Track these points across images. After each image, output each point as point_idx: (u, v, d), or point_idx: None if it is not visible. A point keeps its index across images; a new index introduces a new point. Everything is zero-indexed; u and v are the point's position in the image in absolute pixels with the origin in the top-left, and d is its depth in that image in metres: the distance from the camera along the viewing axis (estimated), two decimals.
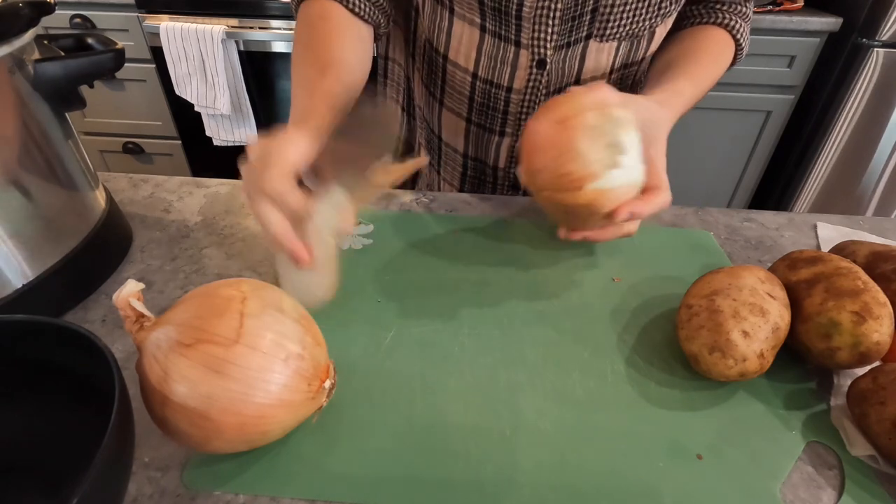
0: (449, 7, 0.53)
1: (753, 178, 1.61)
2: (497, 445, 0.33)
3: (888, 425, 0.31)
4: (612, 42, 0.52)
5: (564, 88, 0.56)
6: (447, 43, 0.55)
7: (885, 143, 1.44)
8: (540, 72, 0.53)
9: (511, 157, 0.61)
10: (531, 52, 0.51)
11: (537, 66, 0.52)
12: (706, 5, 0.56)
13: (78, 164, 0.43)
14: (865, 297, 0.34)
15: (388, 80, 0.68)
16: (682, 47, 0.55)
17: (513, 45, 0.51)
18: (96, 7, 1.40)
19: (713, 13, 0.55)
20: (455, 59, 0.56)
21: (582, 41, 0.51)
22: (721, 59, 0.55)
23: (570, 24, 0.49)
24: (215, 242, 0.50)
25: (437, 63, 0.58)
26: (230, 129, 1.52)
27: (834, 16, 1.33)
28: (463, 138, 0.62)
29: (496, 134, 0.59)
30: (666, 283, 0.46)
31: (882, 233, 0.55)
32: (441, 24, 0.54)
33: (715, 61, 0.54)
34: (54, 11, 0.40)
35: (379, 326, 0.41)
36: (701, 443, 0.33)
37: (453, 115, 0.60)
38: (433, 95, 0.61)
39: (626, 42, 0.52)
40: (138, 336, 0.28)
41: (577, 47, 0.52)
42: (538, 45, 0.51)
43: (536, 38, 0.50)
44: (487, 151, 0.61)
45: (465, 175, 0.65)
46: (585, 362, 0.39)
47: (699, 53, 0.53)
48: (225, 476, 0.30)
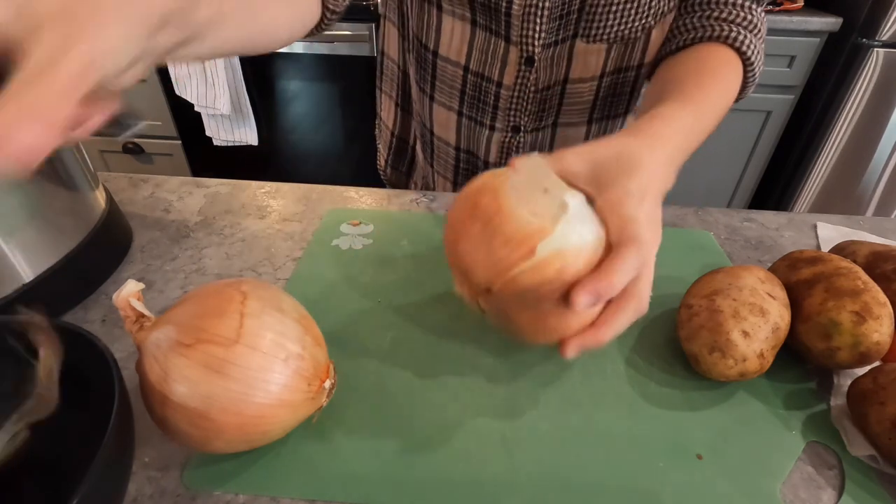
0: (437, 4, 0.52)
1: (753, 178, 1.61)
2: (497, 445, 0.33)
3: (888, 425, 0.31)
4: (601, 44, 0.51)
5: (553, 87, 0.55)
6: (437, 39, 0.55)
7: (885, 143, 1.44)
8: (528, 69, 0.52)
9: (501, 152, 0.61)
10: (520, 49, 0.51)
11: (526, 63, 0.52)
12: (701, 16, 0.47)
13: (78, 164, 0.43)
14: (865, 297, 0.34)
15: (384, 76, 0.68)
16: (673, 73, 0.45)
17: (503, 40, 0.51)
18: None
19: (711, 27, 0.45)
20: (446, 55, 0.56)
21: (569, 40, 0.51)
22: (726, 82, 0.44)
23: (557, 22, 0.49)
24: (215, 242, 0.50)
25: (426, 59, 0.58)
26: (230, 129, 1.53)
27: (834, 16, 1.33)
28: (455, 132, 0.62)
29: (487, 128, 0.59)
30: (666, 283, 0.46)
31: (882, 233, 0.55)
32: (430, 21, 0.54)
33: (715, 79, 0.43)
34: None
35: (379, 326, 0.41)
36: (701, 443, 0.33)
37: (444, 109, 0.61)
38: (423, 91, 0.61)
39: (617, 45, 0.51)
40: (138, 336, 0.28)
41: (565, 46, 0.51)
42: (526, 42, 0.50)
43: (525, 35, 0.50)
44: (479, 144, 0.61)
45: (457, 168, 0.65)
46: (585, 362, 0.39)
47: (696, 76, 0.43)
48: (225, 476, 0.30)
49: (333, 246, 0.49)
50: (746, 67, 0.46)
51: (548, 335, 0.31)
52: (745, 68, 0.46)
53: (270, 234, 0.51)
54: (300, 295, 0.43)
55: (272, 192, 0.58)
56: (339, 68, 1.44)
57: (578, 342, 0.29)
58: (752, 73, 0.46)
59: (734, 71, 0.45)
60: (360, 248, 0.49)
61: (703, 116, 0.39)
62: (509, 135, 0.59)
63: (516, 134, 0.59)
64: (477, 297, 0.31)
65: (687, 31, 0.48)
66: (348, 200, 0.57)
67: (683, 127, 0.36)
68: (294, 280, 0.45)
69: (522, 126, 0.58)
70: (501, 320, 0.32)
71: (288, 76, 1.46)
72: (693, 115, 0.38)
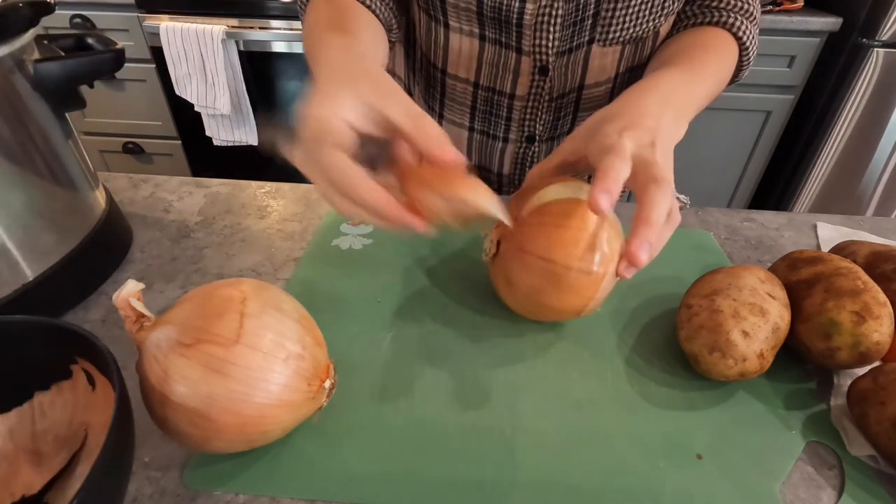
0: (443, 22, 0.52)
1: (753, 178, 1.61)
2: (497, 445, 0.33)
3: (888, 425, 0.31)
4: (616, 46, 0.51)
5: (569, 94, 0.55)
6: (444, 58, 0.54)
7: (885, 143, 1.44)
8: (542, 78, 0.52)
9: (516, 164, 0.60)
10: (533, 59, 0.51)
11: (539, 72, 0.52)
12: (700, 4, 0.51)
13: (78, 164, 0.43)
14: (865, 297, 0.34)
15: None
16: (670, 50, 0.48)
17: (514, 51, 0.51)
18: (96, 7, 1.40)
19: (710, 13, 0.49)
20: (455, 73, 0.55)
21: (584, 46, 0.51)
22: (721, 54, 0.47)
23: (571, 29, 0.49)
24: (215, 242, 0.50)
25: (434, 78, 0.57)
26: (230, 129, 1.52)
27: (834, 16, 1.33)
28: (466, 148, 0.61)
29: (500, 140, 0.59)
30: (666, 283, 0.46)
31: (882, 233, 0.55)
32: (437, 39, 0.54)
33: (710, 54, 0.46)
34: (54, 11, 0.40)
35: (379, 326, 0.41)
36: (701, 443, 0.33)
37: (455, 127, 0.60)
38: (432, 109, 0.61)
39: (630, 45, 0.51)
40: (138, 336, 0.28)
41: (580, 52, 0.51)
42: (539, 51, 0.50)
43: (538, 44, 0.49)
44: (492, 159, 0.61)
45: None
46: (585, 362, 0.39)
47: (691, 50, 0.46)
48: (225, 476, 0.30)
49: (333, 246, 0.49)
50: (741, 51, 0.48)
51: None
52: (740, 52, 0.48)
53: (270, 234, 0.51)
54: (300, 295, 0.43)
55: (272, 192, 0.58)
56: None
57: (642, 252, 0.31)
58: (746, 57, 0.49)
59: (727, 48, 0.47)
60: (360, 248, 0.49)
61: (695, 76, 0.42)
62: (524, 146, 0.58)
63: (531, 144, 0.58)
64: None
65: (687, 17, 0.51)
66: None
67: (672, 80, 0.40)
68: (294, 280, 0.45)
69: (537, 136, 0.57)
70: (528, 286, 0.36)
71: (288, 76, 1.46)
72: (684, 74, 0.41)
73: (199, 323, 0.27)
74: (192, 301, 0.29)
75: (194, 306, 0.28)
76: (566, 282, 0.34)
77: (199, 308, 0.28)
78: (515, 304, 0.39)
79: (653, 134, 0.34)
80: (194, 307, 0.28)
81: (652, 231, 0.30)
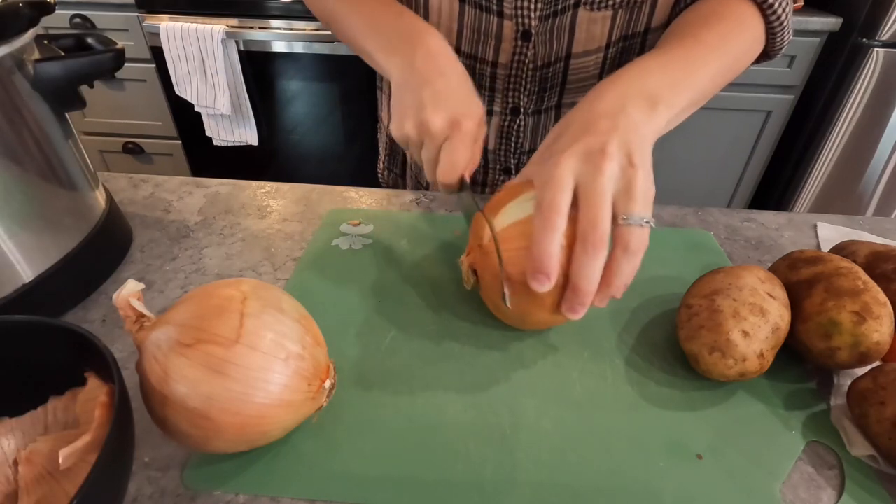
0: None
1: (753, 178, 1.61)
2: (497, 445, 0.33)
3: (888, 425, 0.31)
4: (606, 11, 0.47)
5: (555, 64, 0.52)
6: (424, 18, 0.52)
7: (885, 143, 1.44)
8: (525, 44, 0.49)
9: (501, 138, 0.58)
10: (515, 23, 0.48)
11: (522, 37, 0.48)
12: None
13: (78, 164, 0.43)
14: (865, 297, 0.34)
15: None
16: (668, 30, 0.43)
17: (495, 15, 0.48)
18: (96, 7, 1.40)
19: None
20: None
21: (570, 9, 0.47)
22: (731, 25, 0.41)
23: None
24: (215, 242, 0.50)
25: None
26: (230, 129, 1.53)
27: (834, 16, 1.33)
28: None
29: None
30: (666, 283, 0.46)
31: (882, 233, 0.55)
32: (417, 2, 0.51)
33: (712, 28, 0.41)
34: (54, 11, 0.40)
35: (379, 326, 0.41)
36: (701, 443, 0.33)
37: None
38: None
39: (623, 10, 0.47)
40: (138, 336, 0.28)
41: (566, 17, 0.47)
42: (521, 14, 0.47)
43: (520, 6, 0.46)
44: None
45: None
46: (585, 362, 0.39)
47: (687, 27, 0.41)
48: (225, 476, 0.30)
49: (333, 246, 0.49)
50: (768, 15, 0.43)
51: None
52: (768, 17, 0.43)
53: (270, 234, 0.51)
54: (300, 295, 0.43)
55: (272, 192, 0.58)
56: (339, 68, 1.44)
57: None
58: (777, 21, 0.43)
59: (742, 18, 0.42)
60: (360, 248, 0.49)
61: (684, 54, 0.38)
62: (508, 118, 0.56)
63: (516, 116, 0.56)
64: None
65: None
66: (348, 200, 0.57)
67: (645, 64, 0.36)
68: (294, 280, 0.45)
69: (522, 107, 0.55)
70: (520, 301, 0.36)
71: (288, 76, 1.46)
72: (666, 55, 0.38)
73: (199, 323, 0.27)
74: (192, 301, 0.29)
75: (194, 306, 0.28)
76: (550, 299, 0.34)
77: (199, 308, 0.28)
78: (510, 321, 0.40)
79: (604, 137, 0.31)
80: (194, 307, 0.28)
81: (584, 296, 0.31)
